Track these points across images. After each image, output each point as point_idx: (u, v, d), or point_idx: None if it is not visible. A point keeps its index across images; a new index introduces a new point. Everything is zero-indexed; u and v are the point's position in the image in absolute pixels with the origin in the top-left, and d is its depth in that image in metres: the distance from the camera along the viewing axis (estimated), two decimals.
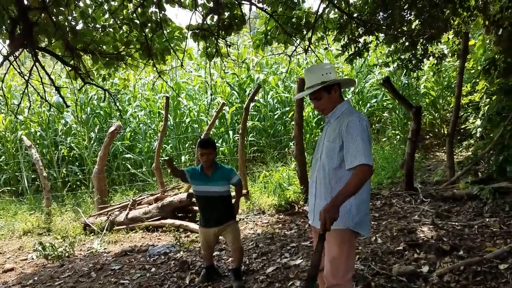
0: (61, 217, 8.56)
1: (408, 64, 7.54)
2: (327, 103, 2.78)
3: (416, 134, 6.40)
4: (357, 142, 2.54)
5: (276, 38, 6.03)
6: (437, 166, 8.02)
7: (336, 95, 2.77)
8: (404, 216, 5.53)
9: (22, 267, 6.14)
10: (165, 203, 7.20)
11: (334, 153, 2.68)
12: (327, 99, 2.77)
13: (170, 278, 4.70)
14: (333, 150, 2.69)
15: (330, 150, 2.71)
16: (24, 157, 11.07)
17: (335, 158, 2.68)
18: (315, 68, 2.85)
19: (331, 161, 2.70)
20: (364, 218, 2.71)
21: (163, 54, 5.82)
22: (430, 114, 9.77)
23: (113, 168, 10.79)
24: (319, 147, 2.89)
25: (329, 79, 2.72)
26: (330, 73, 2.74)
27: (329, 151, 2.72)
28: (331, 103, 2.78)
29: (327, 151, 2.74)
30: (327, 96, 2.76)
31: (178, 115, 10.97)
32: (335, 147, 2.67)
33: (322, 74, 2.73)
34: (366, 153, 2.51)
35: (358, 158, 2.50)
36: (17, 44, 3.65)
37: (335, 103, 2.78)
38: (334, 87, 2.75)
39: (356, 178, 2.49)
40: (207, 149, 4.08)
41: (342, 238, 2.67)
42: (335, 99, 2.78)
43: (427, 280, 3.60)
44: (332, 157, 2.70)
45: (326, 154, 2.74)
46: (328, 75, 2.73)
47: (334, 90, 2.76)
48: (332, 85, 2.74)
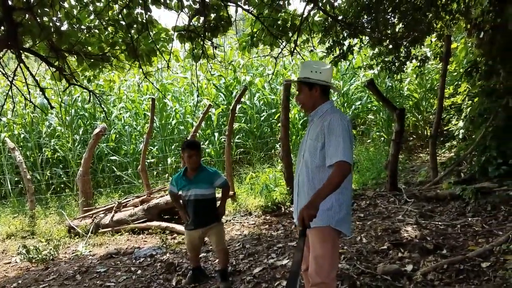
0: (45, 220, 8.47)
1: (392, 66, 7.64)
2: (306, 99, 2.85)
3: (399, 136, 6.49)
4: (338, 140, 2.60)
5: (262, 40, 6.06)
6: (420, 167, 8.13)
7: (317, 94, 2.82)
8: (389, 216, 5.60)
9: (5, 270, 6.06)
10: (151, 205, 7.17)
11: (316, 151, 2.73)
12: (306, 95, 2.84)
13: (156, 280, 4.69)
14: (315, 148, 2.74)
15: (313, 148, 2.76)
16: (7, 160, 10.91)
17: (317, 156, 2.73)
18: (310, 63, 2.94)
19: (314, 159, 2.75)
20: (345, 217, 2.75)
21: (149, 56, 5.80)
22: (414, 116, 9.91)
23: (98, 171, 10.70)
24: (302, 146, 2.95)
25: (314, 78, 2.79)
26: (319, 73, 2.79)
27: (311, 149, 2.78)
28: (310, 100, 2.84)
29: (309, 149, 2.80)
30: (307, 92, 2.83)
31: (164, 117, 10.93)
32: (317, 145, 2.73)
33: (311, 70, 2.80)
34: (346, 151, 2.56)
35: (338, 155, 2.56)
36: (1, 45, 3.61)
37: (315, 101, 2.84)
38: (315, 86, 2.81)
39: (334, 176, 2.54)
40: (194, 150, 4.10)
41: (324, 236, 2.72)
42: (315, 98, 2.83)
43: (411, 278, 3.65)
44: (314, 155, 2.75)
45: (309, 152, 2.80)
46: (315, 74, 2.79)
47: (315, 89, 2.81)
48: (314, 83, 2.80)
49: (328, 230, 2.71)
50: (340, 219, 2.70)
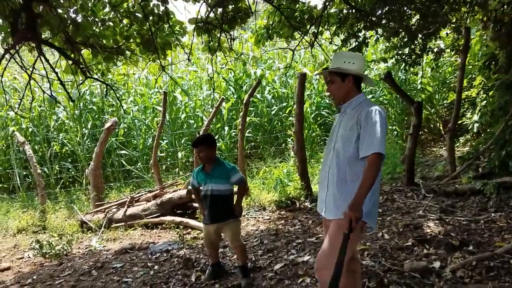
0: (55, 215, 8.42)
1: (408, 59, 7.53)
2: (337, 90, 2.80)
3: (417, 130, 6.40)
4: (374, 131, 2.55)
5: (278, 33, 5.96)
6: (435, 161, 8.04)
7: (350, 86, 2.77)
8: (408, 211, 5.52)
9: (19, 266, 6.01)
10: (164, 200, 7.10)
11: (351, 142, 2.68)
12: (338, 86, 2.79)
13: (174, 276, 4.62)
14: (349, 138, 2.69)
15: (346, 138, 2.71)
16: (15, 154, 10.87)
17: (351, 147, 2.68)
18: (342, 54, 2.89)
19: (347, 150, 2.70)
20: (372, 210, 2.70)
21: (164, 49, 5.71)
22: (426, 110, 9.80)
23: (108, 165, 10.64)
24: (332, 137, 2.89)
25: (348, 68, 2.74)
26: (352, 63, 2.75)
27: (345, 140, 2.72)
28: (342, 91, 2.79)
29: (342, 140, 2.74)
30: (339, 83, 2.78)
31: (173, 110, 10.84)
32: (352, 135, 2.68)
33: (344, 61, 2.76)
34: (382, 143, 2.53)
35: (373, 147, 2.52)
36: (20, 37, 3.52)
37: (347, 93, 2.79)
38: (348, 77, 2.76)
39: (370, 170, 2.50)
40: (197, 147, 4.10)
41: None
42: (347, 89, 2.78)
43: (440, 275, 3.58)
44: (348, 146, 2.70)
45: (342, 142, 2.74)
46: (348, 64, 2.75)
47: (348, 79, 2.76)
48: (347, 74, 2.74)
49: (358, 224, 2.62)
50: (368, 212, 2.63)
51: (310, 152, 9.13)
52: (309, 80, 10.44)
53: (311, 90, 10.52)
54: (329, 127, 10.33)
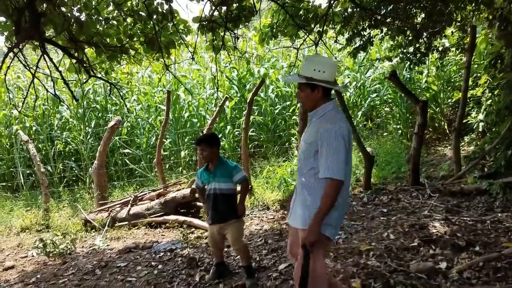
0: (59, 213, 8.42)
1: (412, 58, 7.48)
2: (307, 98, 2.77)
3: (422, 129, 6.36)
4: (330, 154, 2.55)
5: (282, 31, 5.92)
6: (440, 161, 7.99)
7: (319, 95, 2.72)
8: (413, 211, 5.48)
9: (22, 264, 6.01)
10: (168, 199, 7.10)
11: (310, 156, 2.70)
12: (308, 95, 2.75)
13: (178, 276, 4.61)
14: (309, 152, 2.71)
15: (307, 152, 2.73)
16: (19, 152, 10.87)
17: (310, 161, 2.71)
18: (313, 60, 2.79)
19: (307, 164, 2.73)
20: (332, 222, 2.70)
21: (167, 47, 5.69)
22: (431, 109, 9.73)
23: (111, 164, 10.64)
24: (301, 147, 2.90)
25: (318, 77, 2.67)
26: (323, 72, 2.67)
27: (305, 153, 2.75)
28: (312, 100, 2.76)
29: (304, 153, 2.77)
30: (309, 92, 2.73)
31: (177, 109, 10.83)
32: (311, 150, 2.69)
33: (315, 69, 2.68)
34: (338, 167, 2.53)
35: (329, 171, 2.54)
36: (24, 36, 3.50)
37: (317, 102, 2.75)
38: (318, 87, 2.70)
39: (326, 196, 2.56)
40: (199, 145, 4.08)
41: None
42: (317, 99, 2.74)
43: (447, 276, 3.55)
44: (308, 160, 2.73)
45: (303, 156, 2.77)
46: (319, 73, 2.67)
47: (317, 89, 2.71)
48: (317, 84, 2.69)
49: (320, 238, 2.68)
50: (328, 224, 2.66)
51: None
52: None
53: None
54: None
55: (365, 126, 9.99)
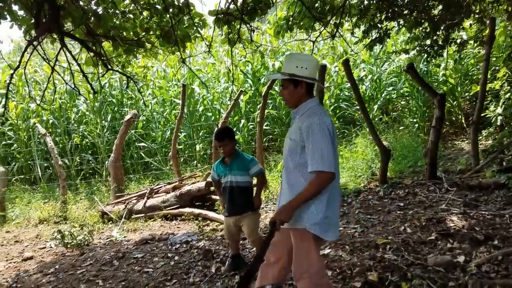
0: (76, 206, 8.54)
1: (430, 50, 7.38)
2: (290, 95, 2.78)
3: (440, 122, 6.27)
4: (316, 147, 2.55)
5: (298, 24, 5.89)
6: (457, 155, 7.89)
7: (302, 92, 2.74)
8: (430, 205, 5.43)
9: (41, 255, 6.11)
10: (183, 191, 7.14)
11: (296, 153, 2.70)
12: (290, 92, 2.76)
13: (195, 267, 4.65)
14: (294, 149, 2.71)
15: (292, 149, 2.73)
16: (37, 146, 11.04)
17: (295, 158, 2.71)
18: (295, 57, 2.85)
19: (292, 160, 2.73)
20: (324, 221, 2.66)
21: (183, 41, 5.70)
22: (448, 102, 9.60)
23: (127, 157, 10.74)
24: (285, 144, 2.89)
25: (300, 74, 2.68)
26: (305, 68, 2.68)
27: (290, 150, 2.75)
28: (295, 97, 2.77)
29: (289, 150, 2.77)
30: (292, 89, 2.74)
31: (191, 103, 10.87)
32: (296, 146, 2.69)
33: (297, 66, 2.69)
34: (325, 159, 2.53)
35: (316, 164, 2.54)
36: (43, 29, 3.55)
37: (300, 98, 2.77)
38: (301, 83, 2.72)
39: (313, 185, 2.56)
40: (222, 141, 4.04)
41: (301, 237, 2.73)
42: (300, 95, 2.75)
43: (465, 270, 3.51)
44: (292, 157, 2.73)
45: (288, 152, 2.77)
46: (301, 69, 2.68)
47: (300, 86, 2.72)
48: (300, 80, 2.70)
49: (304, 233, 2.69)
50: (317, 223, 2.65)
51: None
52: (328, 72, 10.32)
53: (330, 82, 10.41)
54: (348, 119, 10.25)
55: (381, 120, 9.89)
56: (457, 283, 3.32)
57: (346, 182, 7.18)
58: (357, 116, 9.94)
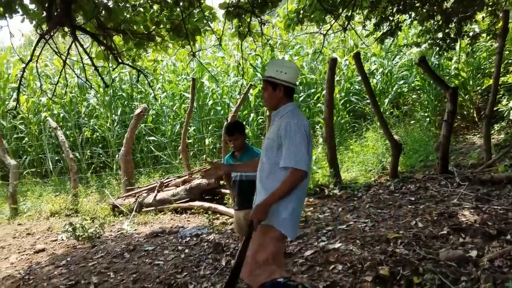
0: (87, 199, 8.61)
1: (442, 44, 7.30)
2: (269, 98, 2.91)
3: (452, 116, 6.21)
4: (292, 145, 2.66)
5: (308, 17, 5.84)
6: (469, 149, 7.81)
7: (280, 95, 2.85)
8: (442, 199, 5.38)
9: (53, 247, 6.18)
10: (193, 185, 7.17)
11: (273, 152, 2.81)
12: (270, 94, 2.89)
13: (205, 260, 4.67)
14: (271, 149, 2.82)
15: (269, 148, 2.84)
16: (48, 139, 11.13)
17: (271, 157, 2.81)
18: (275, 63, 3.00)
19: (268, 160, 2.84)
20: (289, 219, 2.77)
21: (193, 35, 5.69)
22: (460, 96, 9.50)
23: (137, 151, 10.79)
24: (263, 145, 2.99)
25: (278, 78, 2.82)
26: (284, 73, 2.83)
27: (266, 148, 2.87)
28: (273, 100, 2.90)
29: (266, 149, 2.88)
30: (271, 91, 2.88)
31: (201, 97, 10.87)
32: (273, 146, 2.80)
33: (277, 70, 2.84)
34: (299, 157, 2.63)
35: (291, 161, 2.64)
36: (55, 22, 3.55)
37: (278, 101, 2.88)
38: (279, 87, 2.84)
39: (286, 183, 2.66)
40: (233, 135, 4.03)
41: (265, 233, 2.78)
42: (278, 98, 2.87)
43: (477, 264, 3.48)
44: (269, 156, 2.83)
45: (265, 151, 2.88)
46: (280, 74, 2.82)
47: (279, 89, 2.84)
48: (278, 84, 2.83)
49: (269, 229, 2.77)
50: (283, 220, 2.76)
51: (339, 138, 9.01)
52: (338, 66, 10.26)
53: (340, 76, 10.35)
54: (359, 113, 10.19)
55: (392, 113, 9.82)
56: (470, 278, 3.30)
57: (356, 177, 7.15)
58: (368, 110, 9.87)
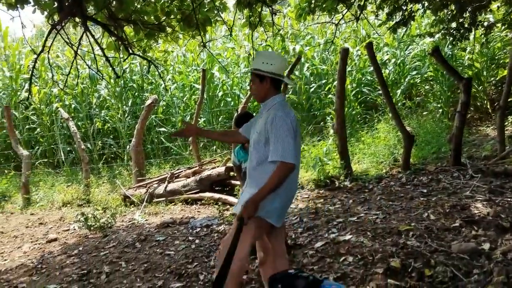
0: (98, 189, 8.68)
1: (456, 34, 7.18)
2: (257, 90, 2.91)
3: (465, 107, 6.13)
4: (279, 138, 2.67)
5: (320, 7, 5.78)
6: (482, 141, 7.71)
7: (267, 87, 2.86)
8: (454, 192, 5.33)
9: (65, 237, 6.25)
10: (203, 176, 7.18)
11: (260, 146, 2.82)
12: (257, 86, 2.89)
13: (215, 250, 4.68)
14: (259, 142, 2.83)
15: (257, 142, 2.86)
16: (59, 130, 11.21)
17: (259, 151, 2.83)
18: (262, 54, 3.00)
19: (256, 153, 2.86)
20: (277, 209, 2.81)
21: (204, 25, 5.66)
22: (473, 87, 9.36)
23: (148, 142, 10.84)
24: (251, 138, 2.98)
25: (265, 69, 2.82)
26: (270, 64, 2.82)
27: (255, 143, 2.88)
28: (261, 91, 2.90)
29: (254, 143, 2.90)
30: (258, 83, 2.88)
31: (211, 88, 10.85)
32: (261, 139, 2.82)
33: (263, 62, 2.83)
34: (286, 151, 2.64)
35: (278, 155, 2.66)
36: (66, 12, 3.55)
37: (266, 94, 2.89)
38: (266, 79, 2.84)
39: (274, 177, 2.66)
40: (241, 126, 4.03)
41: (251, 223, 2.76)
42: (266, 90, 2.88)
43: (490, 257, 3.44)
44: (257, 149, 2.85)
45: (254, 145, 2.90)
46: (267, 65, 2.82)
47: (266, 81, 2.85)
48: (265, 76, 2.84)
49: (256, 219, 2.76)
50: (271, 210, 2.78)
51: (350, 130, 8.94)
52: (350, 56, 10.15)
53: (352, 67, 10.25)
54: (370, 104, 10.10)
55: (404, 104, 9.71)
56: (482, 271, 3.26)
57: (367, 168, 7.11)
58: (379, 101, 9.78)
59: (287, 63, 4.05)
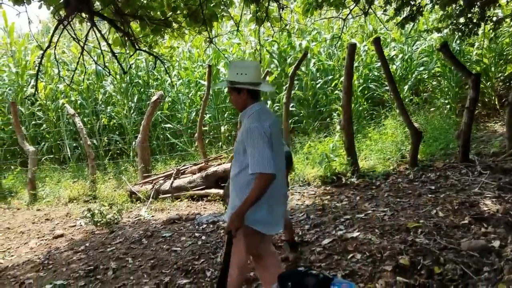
0: (104, 185, 8.69)
1: (464, 29, 7.10)
2: (236, 101, 2.95)
3: (474, 103, 6.07)
4: (255, 150, 2.69)
5: (328, 1, 5.73)
6: (490, 137, 7.64)
7: (244, 97, 2.88)
8: (463, 188, 5.28)
9: (71, 233, 6.26)
10: (209, 172, 7.17)
11: (240, 154, 2.86)
12: (235, 97, 2.92)
13: (222, 247, 4.67)
14: (238, 151, 2.88)
15: (237, 151, 2.91)
16: (65, 126, 11.23)
17: (239, 159, 2.87)
18: (235, 65, 3.00)
19: (237, 161, 2.91)
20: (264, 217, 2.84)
21: (210, 20, 5.63)
22: (481, 83, 9.26)
23: (153, 138, 10.83)
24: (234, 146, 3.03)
25: (240, 81, 2.83)
26: (245, 74, 2.82)
27: (236, 152, 2.93)
28: (239, 103, 2.92)
29: (235, 152, 2.95)
30: (236, 95, 2.90)
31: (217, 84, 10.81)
32: (240, 149, 2.85)
33: (237, 73, 2.84)
34: (264, 161, 2.66)
35: (256, 166, 2.68)
36: (73, 8, 3.53)
37: (244, 104, 2.91)
38: (243, 90, 2.86)
39: (256, 188, 2.69)
40: None
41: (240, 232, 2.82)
42: (243, 101, 2.90)
43: (500, 255, 3.41)
44: (237, 159, 2.90)
45: (234, 154, 2.96)
46: (241, 76, 2.83)
47: (242, 92, 2.87)
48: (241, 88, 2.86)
49: (243, 228, 2.80)
50: (257, 219, 2.82)
51: (357, 126, 8.88)
52: (357, 52, 10.07)
53: (359, 62, 10.16)
54: (377, 100, 10.02)
55: (412, 100, 9.63)
56: (492, 269, 3.24)
57: (374, 165, 7.06)
58: (386, 97, 9.71)
59: (262, 69, 4.05)
